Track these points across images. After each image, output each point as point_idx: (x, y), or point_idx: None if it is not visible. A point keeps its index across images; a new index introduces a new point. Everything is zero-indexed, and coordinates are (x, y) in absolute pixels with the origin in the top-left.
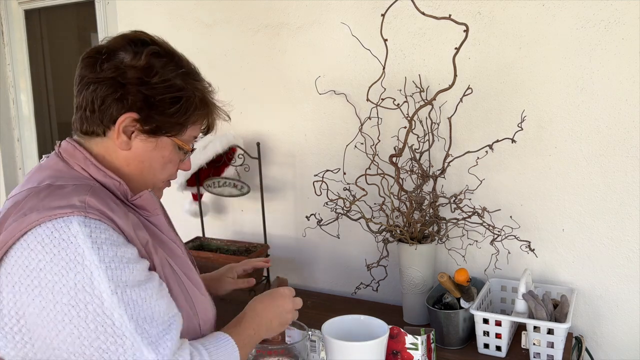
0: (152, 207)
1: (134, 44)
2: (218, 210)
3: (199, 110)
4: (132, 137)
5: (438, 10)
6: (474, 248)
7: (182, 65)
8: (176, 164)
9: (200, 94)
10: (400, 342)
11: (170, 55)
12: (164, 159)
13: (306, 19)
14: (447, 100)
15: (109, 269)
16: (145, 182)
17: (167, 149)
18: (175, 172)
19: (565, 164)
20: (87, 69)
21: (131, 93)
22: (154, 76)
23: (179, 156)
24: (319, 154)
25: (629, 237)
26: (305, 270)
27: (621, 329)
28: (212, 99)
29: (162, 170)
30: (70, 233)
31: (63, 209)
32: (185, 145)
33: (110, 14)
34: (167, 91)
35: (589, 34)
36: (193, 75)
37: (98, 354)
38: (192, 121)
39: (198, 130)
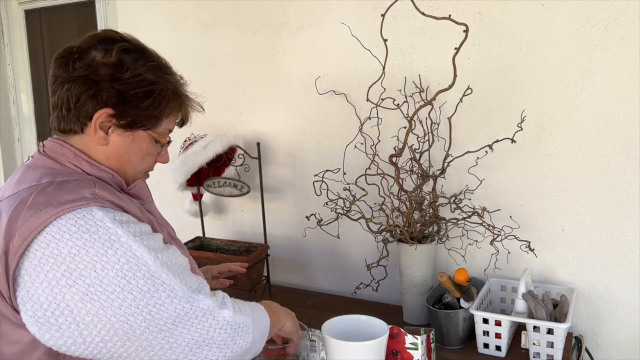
0: (146, 195)
1: (104, 42)
2: (218, 210)
3: (172, 102)
4: (109, 132)
5: (438, 10)
6: (473, 248)
7: (153, 60)
8: (154, 157)
9: (173, 87)
10: (400, 342)
11: (140, 50)
12: (142, 151)
13: (306, 19)
14: (447, 100)
15: (143, 240)
16: (126, 175)
17: (144, 142)
18: (153, 164)
19: (565, 164)
20: (60, 69)
21: (104, 89)
22: (125, 72)
23: (156, 149)
24: (319, 154)
25: (629, 237)
26: (305, 270)
27: (621, 329)
28: (184, 92)
29: (141, 162)
30: (96, 219)
31: (79, 201)
32: (161, 137)
33: (111, 14)
34: (139, 85)
35: (589, 34)
36: (164, 69)
37: (156, 309)
38: (166, 114)
39: (173, 123)
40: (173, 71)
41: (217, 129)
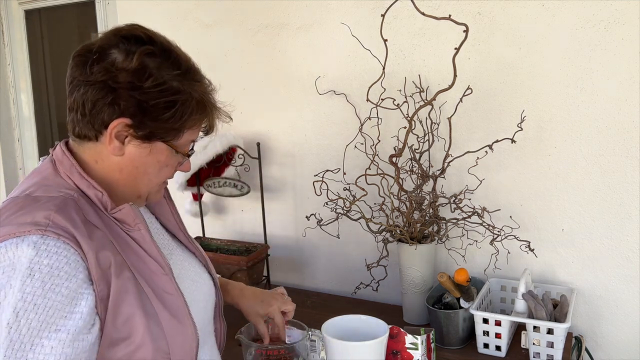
0: (133, 221)
1: (127, 42)
2: (218, 210)
3: (195, 114)
4: (125, 143)
5: (438, 11)
6: (473, 248)
7: (180, 65)
8: (173, 167)
9: (199, 96)
10: (400, 341)
11: (166, 54)
12: (160, 163)
13: (306, 19)
14: (447, 101)
15: (21, 301)
16: (139, 188)
17: (163, 154)
18: (172, 174)
19: (565, 164)
20: (77, 70)
21: (123, 98)
22: (147, 79)
23: (177, 159)
24: (319, 154)
25: (629, 237)
26: (305, 270)
27: (621, 329)
28: (211, 101)
29: (158, 174)
30: (15, 255)
31: (25, 227)
32: (182, 150)
33: (111, 14)
34: (161, 95)
35: (589, 34)
36: (192, 76)
37: None
38: (188, 126)
39: (197, 133)
40: (201, 77)
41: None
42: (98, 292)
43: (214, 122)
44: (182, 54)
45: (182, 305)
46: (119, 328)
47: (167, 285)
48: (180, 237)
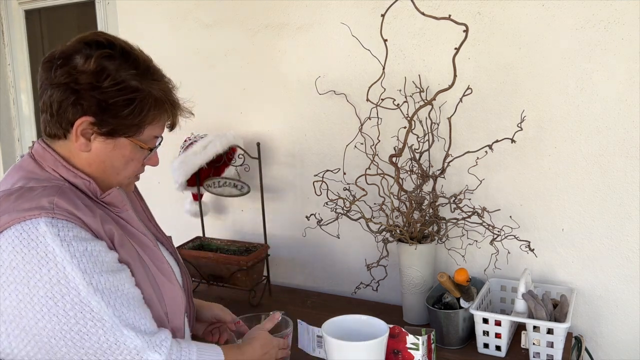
0: (121, 203)
1: (88, 47)
2: (218, 210)
3: (154, 110)
4: (91, 140)
5: (438, 11)
6: (473, 248)
7: (138, 66)
8: (139, 161)
9: (157, 94)
10: (402, 341)
11: (125, 56)
12: (125, 157)
13: (306, 19)
14: (447, 100)
15: (81, 263)
16: (109, 181)
17: (127, 149)
18: (141, 168)
19: (565, 164)
20: (44, 74)
21: (84, 98)
22: (104, 80)
23: (142, 154)
24: (319, 154)
25: (629, 237)
26: (305, 270)
27: (621, 329)
28: (171, 98)
29: (125, 168)
30: (38, 233)
31: (31, 211)
32: (144, 145)
33: (111, 14)
34: (119, 94)
35: (589, 34)
36: (150, 75)
37: (79, 337)
38: (148, 121)
39: (159, 129)
40: (161, 76)
41: (217, 129)
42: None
43: (175, 118)
44: (141, 56)
45: (171, 272)
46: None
47: (159, 255)
48: (150, 228)
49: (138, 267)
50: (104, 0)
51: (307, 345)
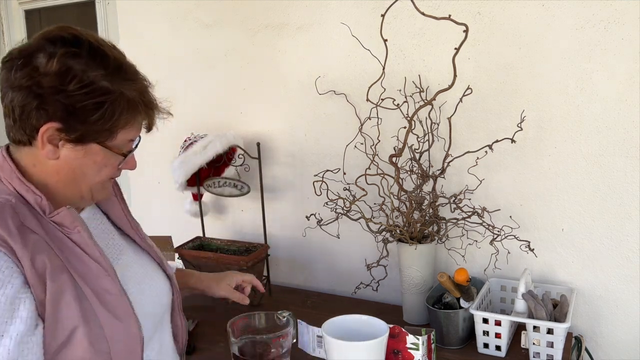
0: (71, 223)
1: (51, 44)
2: (218, 210)
3: (127, 113)
4: (59, 146)
5: (438, 11)
6: (473, 248)
7: (108, 64)
8: (114, 167)
9: (131, 94)
10: (402, 341)
11: (92, 53)
12: (97, 164)
13: (306, 19)
14: (447, 101)
15: None
16: (80, 189)
17: (99, 155)
18: (116, 172)
19: (565, 164)
20: (4, 75)
21: (49, 102)
22: (70, 82)
23: (116, 159)
24: (319, 154)
25: (629, 237)
26: (305, 270)
27: (621, 329)
28: (146, 98)
29: (98, 174)
30: None
31: None
32: (117, 150)
33: (111, 14)
34: (87, 97)
35: (589, 34)
36: (122, 74)
37: None
38: (121, 126)
39: (135, 132)
40: (134, 74)
41: (217, 129)
42: (36, 295)
43: (152, 120)
44: (112, 52)
45: (124, 305)
46: (59, 331)
47: (109, 286)
48: (132, 236)
49: (70, 303)
50: (104, 0)
51: (307, 345)
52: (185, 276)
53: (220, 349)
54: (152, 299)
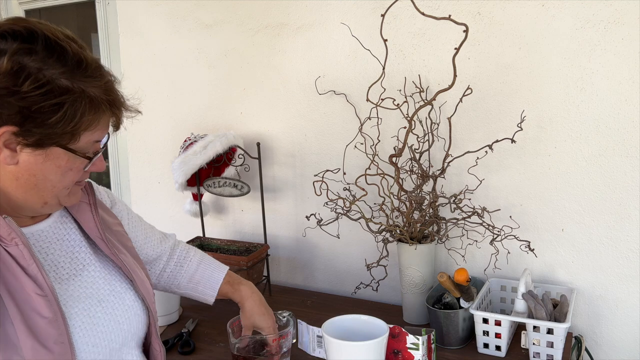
0: (7, 236)
1: (2, 40)
2: (218, 210)
3: (89, 114)
4: (18, 151)
5: (438, 11)
6: (473, 248)
7: (67, 60)
8: (79, 170)
9: (94, 93)
10: (402, 341)
11: (49, 49)
12: (61, 168)
13: (306, 19)
14: (447, 101)
15: None
16: (43, 196)
17: (62, 159)
18: (83, 175)
19: (565, 164)
20: None
21: (2, 105)
22: (24, 82)
23: (81, 162)
24: (319, 154)
25: (629, 237)
26: (305, 270)
27: (621, 329)
28: (112, 96)
29: (62, 180)
30: None
31: None
32: (82, 153)
33: (111, 14)
34: (44, 99)
35: (589, 34)
36: (83, 70)
37: None
38: (84, 127)
39: (100, 132)
40: (98, 70)
41: (217, 129)
42: None
43: (119, 119)
44: (71, 47)
45: (57, 330)
46: None
47: (42, 308)
48: (103, 249)
49: None
50: (104, 0)
51: (307, 345)
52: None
53: (220, 349)
54: (111, 321)
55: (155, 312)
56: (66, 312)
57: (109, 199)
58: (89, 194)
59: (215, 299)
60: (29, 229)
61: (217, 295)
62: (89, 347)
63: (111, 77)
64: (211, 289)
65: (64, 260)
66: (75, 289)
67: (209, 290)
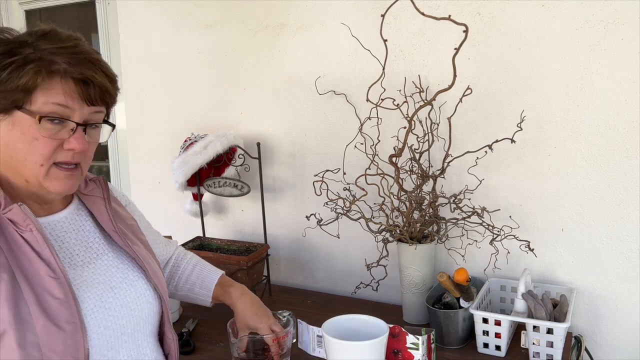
0: (23, 221)
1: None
2: (218, 210)
3: (38, 73)
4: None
5: (438, 11)
6: (473, 248)
7: (35, 32)
8: (49, 143)
9: (47, 54)
10: (402, 341)
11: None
12: (26, 136)
13: (306, 19)
14: (447, 101)
15: None
16: (21, 172)
17: (25, 124)
18: (54, 150)
19: (564, 164)
20: None
21: None
22: None
23: (46, 132)
24: (319, 154)
25: (629, 237)
26: (305, 270)
27: (620, 329)
28: (69, 61)
29: (30, 150)
30: None
31: None
32: (33, 114)
33: (111, 15)
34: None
35: (589, 34)
36: (44, 37)
37: None
38: (34, 85)
39: (59, 97)
40: (63, 38)
41: (217, 129)
42: None
43: (84, 71)
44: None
45: (69, 311)
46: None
47: (55, 290)
48: (116, 240)
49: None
50: (104, 1)
51: (307, 345)
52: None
53: (220, 349)
54: (123, 307)
55: (168, 302)
56: (79, 296)
57: (123, 198)
58: (102, 189)
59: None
60: (45, 219)
61: (211, 296)
62: (101, 328)
63: (76, 39)
64: (206, 289)
65: (79, 249)
66: (89, 275)
67: (204, 291)
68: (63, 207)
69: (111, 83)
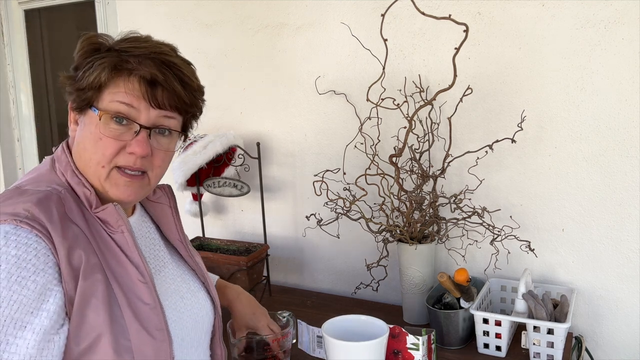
0: (115, 222)
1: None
2: (218, 210)
3: (111, 70)
4: (79, 123)
5: (438, 10)
6: (473, 248)
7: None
8: (112, 144)
9: (123, 55)
10: (402, 341)
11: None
12: (92, 135)
13: (306, 19)
14: (447, 100)
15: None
16: (87, 171)
17: (93, 124)
18: (116, 153)
19: (565, 164)
20: None
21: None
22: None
23: (109, 132)
24: (319, 154)
25: (629, 237)
26: (305, 270)
27: (621, 329)
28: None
29: (95, 149)
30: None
31: (2, 216)
32: (103, 112)
33: (110, 15)
34: (82, 58)
35: (589, 34)
36: (127, 39)
37: None
38: (104, 82)
39: (124, 95)
40: (146, 42)
41: (217, 129)
42: (67, 290)
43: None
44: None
45: (158, 317)
46: (83, 336)
47: (144, 295)
48: (180, 251)
49: (96, 306)
50: (104, 0)
51: (307, 346)
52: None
53: None
54: (191, 318)
55: (220, 315)
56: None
57: None
58: (169, 197)
59: None
60: None
61: None
62: (178, 339)
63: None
64: None
65: (149, 256)
66: (162, 283)
67: None
68: (131, 213)
69: (184, 88)
